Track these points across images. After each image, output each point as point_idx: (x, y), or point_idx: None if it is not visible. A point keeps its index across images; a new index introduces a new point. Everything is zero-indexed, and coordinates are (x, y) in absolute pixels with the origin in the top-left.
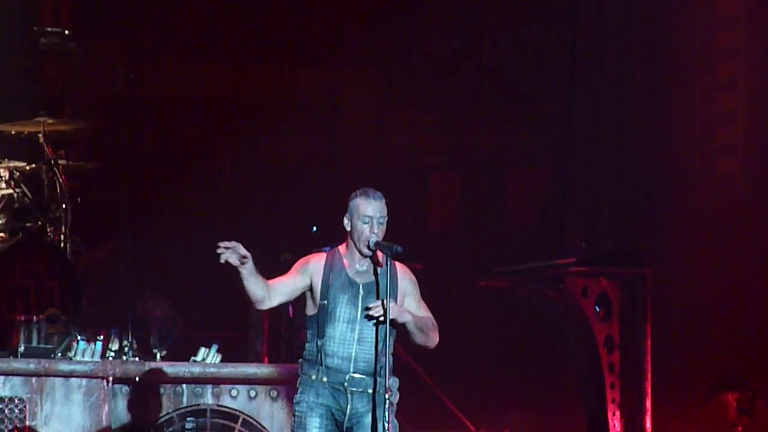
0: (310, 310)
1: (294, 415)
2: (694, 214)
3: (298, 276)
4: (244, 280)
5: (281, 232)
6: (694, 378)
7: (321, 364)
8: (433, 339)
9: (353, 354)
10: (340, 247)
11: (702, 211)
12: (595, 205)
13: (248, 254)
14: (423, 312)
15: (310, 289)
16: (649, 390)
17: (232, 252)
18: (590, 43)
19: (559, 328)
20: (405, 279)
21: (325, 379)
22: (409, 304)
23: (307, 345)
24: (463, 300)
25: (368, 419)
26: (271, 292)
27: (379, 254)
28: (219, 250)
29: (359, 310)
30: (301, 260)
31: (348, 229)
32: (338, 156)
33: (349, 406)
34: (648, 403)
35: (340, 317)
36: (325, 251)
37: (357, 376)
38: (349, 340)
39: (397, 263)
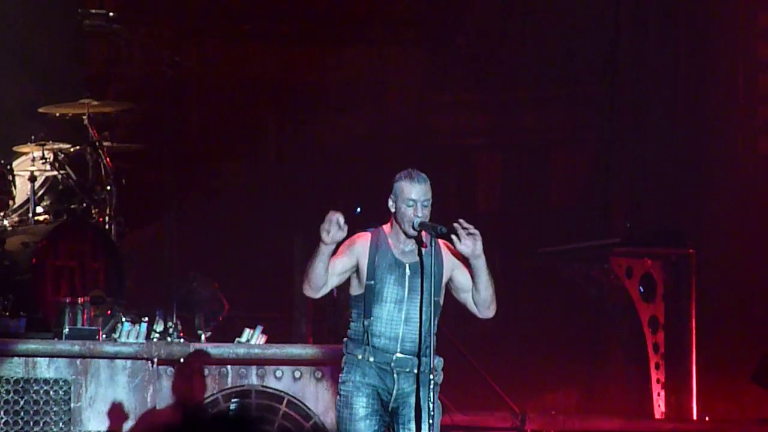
0: (356, 290)
1: (339, 395)
2: (738, 194)
3: (345, 257)
4: (320, 258)
5: (325, 213)
6: (739, 358)
7: (368, 344)
8: (494, 297)
9: (400, 334)
10: (384, 227)
11: (745, 191)
12: (638, 185)
13: (344, 228)
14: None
15: (356, 269)
16: (694, 370)
17: (337, 226)
18: (633, 21)
19: (604, 308)
20: (448, 255)
21: (371, 359)
22: (457, 273)
23: (352, 324)
24: (508, 280)
25: (413, 399)
26: (328, 276)
27: (424, 234)
28: (327, 225)
29: (406, 290)
30: (347, 241)
31: (393, 210)
32: (382, 136)
33: (395, 387)
34: (693, 384)
35: (387, 297)
36: (369, 231)
37: (403, 356)
38: (396, 320)
39: (440, 241)
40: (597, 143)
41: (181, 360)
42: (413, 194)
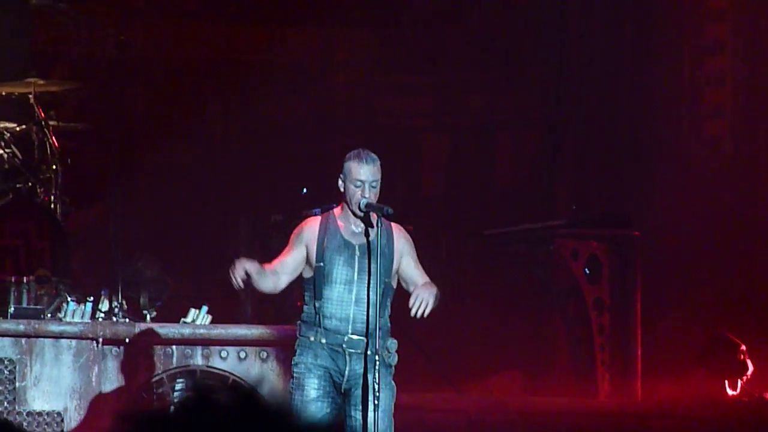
0: (307, 272)
1: (292, 376)
2: (684, 177)
3: (295, 250)
4: (254, 284)
5: (271, 194)
6: (683, 340)
7: (319, 326)
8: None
9: (351, 315)
10: (335, 209)
11: (691, 174)
12: (584, 167)
13: (251, 267)
14: (421, 272)
15: (307, 254)
16: (638, 352)
17: (239, 274)
18: (579, 4)
19: (549, 289)
20: (401, 239)
21: (323, 341)
22: (407, 263)
23: (305, 307)
24: (454, 262)
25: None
26: (276, 279)
27: (373, 216)
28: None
29: (356, 271)
30: (295, 231)
31: (342, 190)
32: (328, 117)
33: (347, 368)
34: (638, 366)
35: (337, 279)
36: (316, 213)
37: (355, 337)
38: (347, 302)
39: (393, 224)
40: (543, 125)
41: (127, 340)
42: (361, 175)
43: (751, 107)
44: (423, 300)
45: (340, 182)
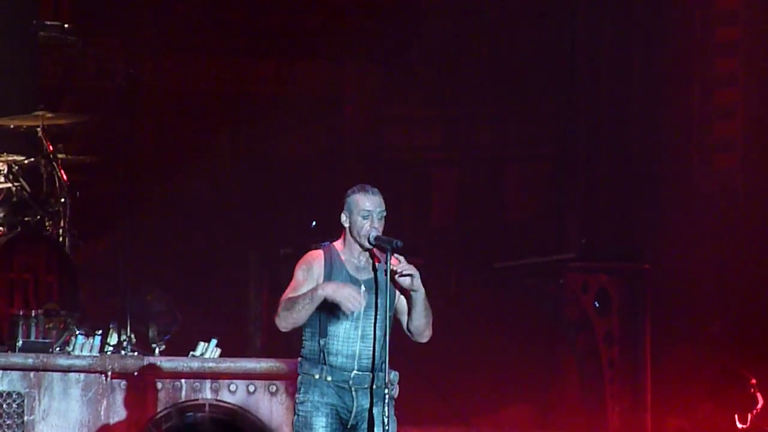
0: None
1: (297, 415)
2: (693, 210)
3: (310, 284)
4: (311, 307)
5: (280, 227)
6: (693, 374)
7: (324, 363)
8: (430, 324)
9: (357, 351)
10: (335, 243)
11: (701, 207)
12: (594, 201)
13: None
14: None
15: None
16: (648, 385)
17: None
18: (589, 38)
19: (559, 323)
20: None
21: (329, 378)
22: (402, 298)
23: (306, 343)
24: (463, 295)
25: (373, 413)
26: None
27: (375, 251)
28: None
29: (362, 307)
30: (303, 266)
31: (346, 225)
32: (337, 151)
33: (354, 404)
34: (647, 399)
35: (343, 315)
36: (322, 247)
37: (361, 373)
38: (353, 338)
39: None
40: (552, 159)
41: (135, 373)
42: (368, 205)
43: (762, 140)
44: (411, 267)
45: (343, 217)
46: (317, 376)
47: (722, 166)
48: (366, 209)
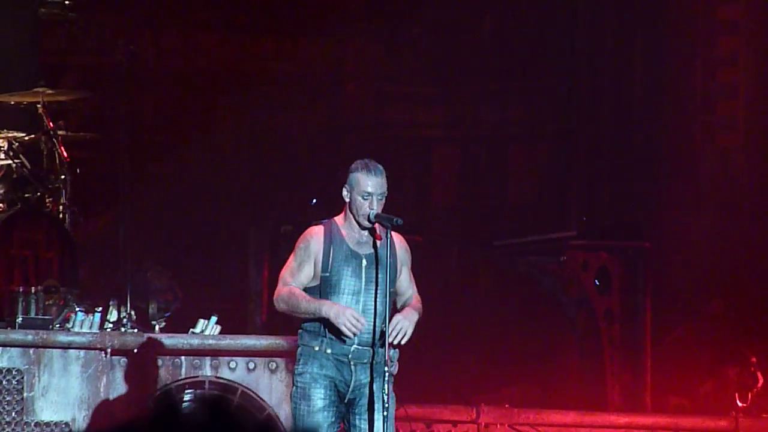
0: (311, 282)
1: (295, 386)
2: (695, 188)
3: (308, 266)
4: (307, 313)
5: (281, 204)
6: (693, 352)
7: (324, 336)
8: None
9: None
10: (336, 218)
11: (702, 185)
12: (595, 179)
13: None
14: (413, 284)
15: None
16: (648, 363)
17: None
18: (591, 16)
19: (559, 301)
20: (402, 249)
21: (329, 351)
22: (404, 273)
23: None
24: (464, 273)
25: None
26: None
27: (377, 227)
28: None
29: (363, 281)
30: (301, 244)
31: (347, 200)
32: (339, 128)
33: (353, 378)
34: (647, 377)
35: (344, 289)
36: (323, 223)
37: (360, 347)
38: None
39: (393, 233)
40: (554, 137)
41: (135, 350)
42: (369, 187)
43: (764, 119)
44: (402, 329)
45: (345, 192)
46: (317, 348)
47: (724, 144)
48: (366, 191)
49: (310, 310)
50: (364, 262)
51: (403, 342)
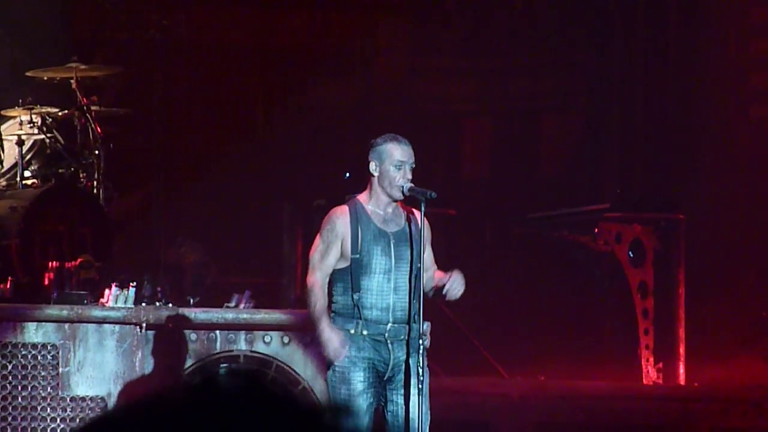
0: (341, 263)
1: (333, 370)
2: (729, 160)
3: (334, 248)
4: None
5: (314, 179)
6: (728, 324)
7: (359, 318)
8: None
9: (391, 304)
10: (360, 196)
11: (736, 157)
12: (629, 151)
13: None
14: (433, 259)
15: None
16: (682, 336)
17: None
18: None
19: (593, 274)
20: (426, 225)
21: (365, 332)
22: (428, 251)
23: (339, 299)
24: (497, 246)
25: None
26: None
27: (401, 203)
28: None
29: (393, 259)
30: (327, 226)
31: (376, 174)
32: (371, 102)
33: (391, 357)
34: (681, 349)
35: (376, 269)
36: (346, 203)
37: (396, 325)
38: (386, 291)
39: (413, 209)
40: (587, 110)
41: (170, 325)
42: (401, 156)
43: None
44: (459, 285)
45: (373, 166)
46: (352, 331)
47: (758, 114)
48: (399, 159)
49: (318, 328)
50: (392, 240)
51: (458, 296)
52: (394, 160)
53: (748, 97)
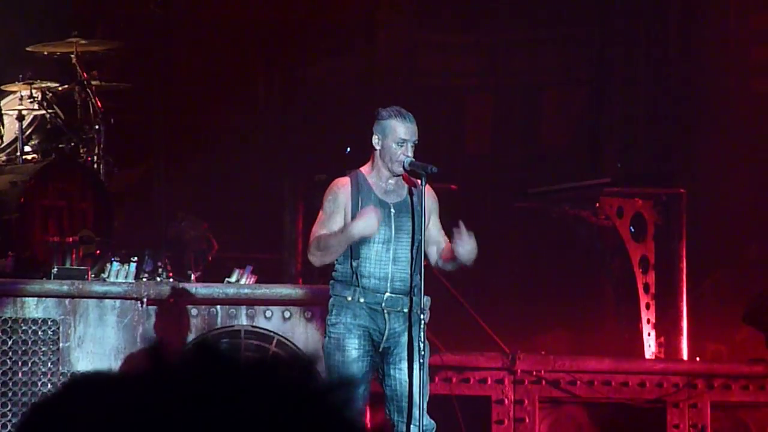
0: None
1: (329, 337)
2: (730, 134)
3: (339, 217)
4: (345, 245)
5: (315, 153)
6: (729, 299)
7: (357, 285)
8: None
9: (389, 274)
10: (362, 168)
11: (737, 131)
12: (630, 126)
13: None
14: (443, 233)
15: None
16: (684, 310)
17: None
18: None
19: (594, 248)
20: (429, 197)
21: (362, 300)
22: (433, 222)
23: (338, 266)
24: (498, 221)
25: (404, 338)
26: None
27: (407, 176)
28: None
29: (393, 229)
30: (329, 196)
31: (378, 148)
32: (371, 77)
33: (387, 327)
34: (683, 324)
35: (375, 238)
36: (348, 175)
37: (394, 295)
38: (385, 260)
39: (419, 181)
40: (588, 85)
41: (171, 300)
42: (404, 134)
43: None
44: (471, 245)
45: (375, 140)
46: (350, 298)
47: (759, 89)
48: (402, 137)
49: (342, 241)
50: (393, 210)
51: (471, 258)
52: (396, 137)
53: (749, 71)
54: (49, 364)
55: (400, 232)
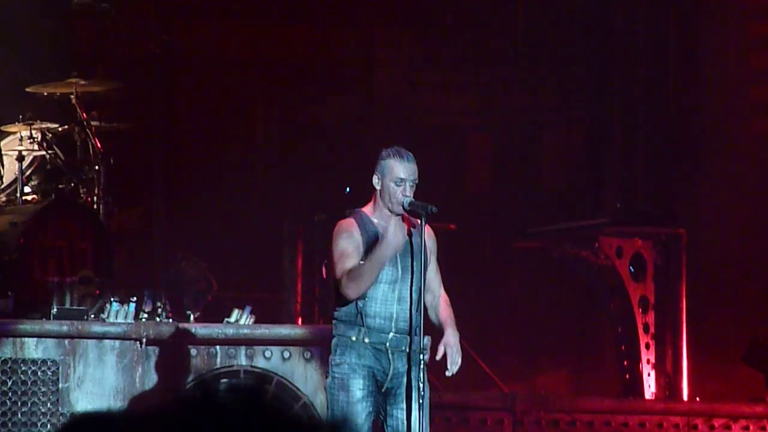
0: None
1: (333, 377)
2: (730, 175)
3: (358, 251)
4: (378, 267)
5: (314, 193)
6: (730, 339)
7: (362, 325)
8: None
9: (394, 314)
10: (364, 209)
11: (737, 172)
12: (629, 166)
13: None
14: (439, 277)
15: None
16: (684, 350)
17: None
18: (624, 2)
19: (594, 288)
20: (430, 238)
21: (366, 340)
22: (432, 265)
23: (342, 306)
24: (498, 261)
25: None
26: None
27: (406, 216)
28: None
29: (399, 269)
30: (344, 234)
31: (378, 188)
32: (371, 116)
33: (391, 366)
34: (683, 364)
35: (382, 278)
36: (353, 214)
37: (398, 335)
38: (390, 301)
39: (417, 221)
40: (588, 124)
41: (170, 340)
42: (402, 173)
43: None
44: (457, 362)
45: (375, 180)
46: (354, 338)
47: (758, 131)
48: (400, 177)
49: (375, 265)
50: (399, 251)
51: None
52: (394, 177)
53: (748, 111)
54: (49, 404)
55: (405, 273)
